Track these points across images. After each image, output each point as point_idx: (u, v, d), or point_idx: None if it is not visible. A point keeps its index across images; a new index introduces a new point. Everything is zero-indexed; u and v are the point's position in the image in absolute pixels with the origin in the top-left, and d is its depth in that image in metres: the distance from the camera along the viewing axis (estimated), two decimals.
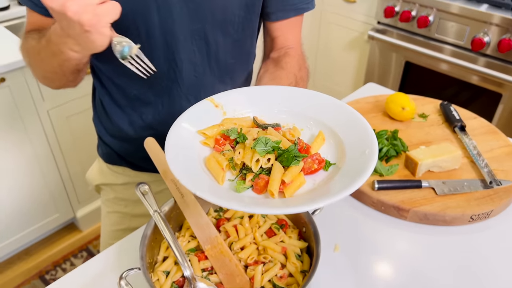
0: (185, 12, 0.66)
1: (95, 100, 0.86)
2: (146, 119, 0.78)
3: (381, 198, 0.82)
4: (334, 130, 0.57)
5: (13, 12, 1.73)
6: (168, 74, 0.72)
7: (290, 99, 0.61)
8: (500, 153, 0.93)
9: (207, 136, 0.57)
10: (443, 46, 1.89)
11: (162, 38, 0.68)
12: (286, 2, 0.74)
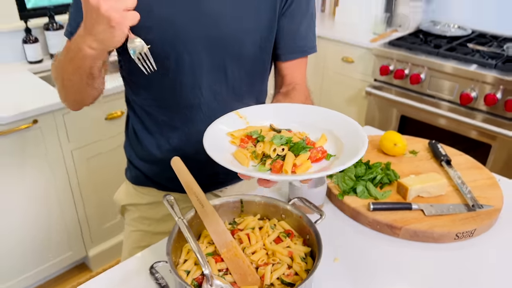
0: (209, 48, 0.81)
1: (128, 129, 0.99)
2: (172, 142, 0.91)
3: (376, 218, 0.93)
4: (334, 133, 0.71)
5: (46, 65, 1.94)
6: (193, 101, 0.86)
7: (299, 113, 0.76)
8: (483, 184, 1.05)
9: (234, 137, 0.70)
10: (435, 101, 2.06)
11: (189, 69, 0.83)
12: (294, 45, 0.90)
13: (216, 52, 0.82)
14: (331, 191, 1.02)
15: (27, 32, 1.87)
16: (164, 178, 0.94)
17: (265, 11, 0.84)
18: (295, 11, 0.87)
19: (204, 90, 0.85)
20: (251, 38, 0.84)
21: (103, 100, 1.71)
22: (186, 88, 0.85)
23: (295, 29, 0.89)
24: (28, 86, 1.71)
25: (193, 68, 0.82)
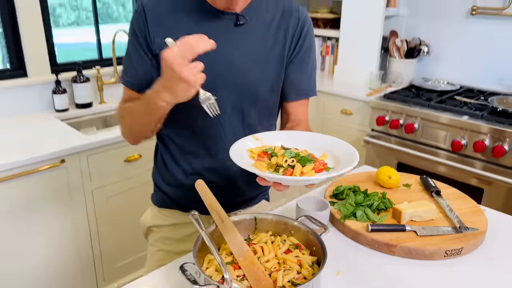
0: (232, 92, 0.99)
1: (156, 157, 1.14)
2: (195, 168, 1.06)
3: (374, 237, 1.05)
4: (333, 153, 0.86)
5: (71, 113, 2.13)
6: (215, 134, 1.02)
7: (304, 137, 0.93)
8: (469, 211, 1.17)
9: (253, 152, 0.85)
10: (429, 148, 2.21)
11: None
12: (298, 89, 1.07)
13: (237, 96, 1.00)
14: (334, 216, 1.14)
15: (57, 84, 2.08)
16: (187, 200, 1.07)
17: (275, 63, 1.03)
18: (299, 61, 1.05)
19: (225, 125, 1.01)
20: (264, 85, 1.02)
21: (123, 144, 1.87)
22: (210, 124, 1.01)
23: (299, 75, 1.07)
24: (56, 131, 1.88)
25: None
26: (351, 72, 2.80)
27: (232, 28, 0.97)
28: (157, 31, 0.93)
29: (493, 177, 1.99)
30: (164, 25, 0.94)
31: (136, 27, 0.96)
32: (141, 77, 0.97)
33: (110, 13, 2.36)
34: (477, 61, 2.55)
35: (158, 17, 0.94)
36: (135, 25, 0.96)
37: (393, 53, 2.69)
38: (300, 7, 1.06)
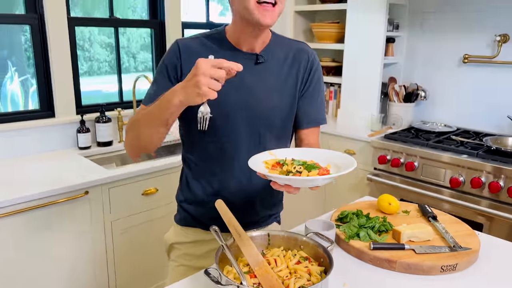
0: (250, 120, 1.14)
1: (181, 180, 1.28)
2: (214, 187, 1.19)
3: (376, 255, 1.15)
4: (337, 164, 1.02)
5: (93, 150, 2.29)
6: (233, 156, 1.16)
7: (312, 152, 1.08)
8: (464, 234, 1.28)
9: (268, 163, 0.99)
10: (428, 185, 2.33)
11: (233, 134, 1.14)
12: (310, 118, 1.24)
13: (255, 121, 1.16)
14: (339, 237, 1.25)
15: (81, 123, 2.25)
16: (208, 218, 1.19)
17: (289, 95, 1.20)
18: (310, 94, 1.23)
19: (243, 148, 1.15)
20: (279, 113, 1.18)
21: (140, 178, 2.01)
22: (229, 147, 1.16)
23: (310, 106, 1.24)
24: (80, 166, 2.03)
25: (236, 133, 1.14)
26: (354, 115, 2.97)
27: (253, 66, 1.14)
28: (188, 66, 1.10)
29: (491, 212, 2.09)
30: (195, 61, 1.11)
31: (169, 61, 1.12)
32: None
33: (121, 63, 2.58)
34: (471, 105, 2.72)
35: (190, 55, 1.11)
36: (168, 59, 1.12)
37: (392, 97, 2.87)
38: (310, 48, 1.24)
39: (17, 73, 2.35)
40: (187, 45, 1.12)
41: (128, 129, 1.15)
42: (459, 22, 2.71)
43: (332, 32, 3.12)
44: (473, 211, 2.16)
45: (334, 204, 2.82)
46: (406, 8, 2.93)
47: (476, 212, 2.15)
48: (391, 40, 2.91)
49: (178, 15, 2.65)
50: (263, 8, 1.03)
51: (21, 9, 2.16)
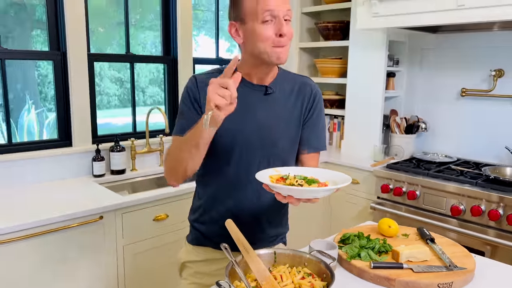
0: (260, 148, 1.25)
1: (194, 201, 1.38)
2: (226, 207, 1.28)
3: (376, 273, 1.22)
4: (335, 181, 1.11)
5: (107, 178, 2.39)
6: (245, 181, 1.26)
7: (314, 171, 1.17)
8: (460, 255, 1.35)
9: (272, 178, 1.09)
10: (429, 214, 2.40)
11: (246, 160, 1.24)
12: (311, 145, 1.34)
13: (264, 148, 1.27)
14: (341, 257, 1.32)
15: (97, 152, 2.37)
16: (218, 236, 1.27)
17: (294, 123, 1.32)
18: (312, 123, 1.34)
19: (253, 172, 1.25)
20: (285, 141, 1.30)
21: (152, 204, 2.10)
22: (241, 171, 1.26)
23: (312, 134, 1.35)
24: (95, 192, 2.13)
25: (248, 157, 1.25)
26: (357, 146, 3.08)
27: (262, 96, 1.27)
28: (205, 97, 1.22)
29: (492, 240, 2.14)
30: None
31: (190, 92, 1.25)
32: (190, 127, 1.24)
33: (130, 99, 2.73)
34: (471, 136, 2.82)
35: (206, 88, 1.23)
36: (189, 91, 1.25)
37: (394, 129, 2.98)
38: (313, 82, 1.37)
39: (34, 106, 2.51)
40: (202, 79, 1.25)
41: (166, 158, 1.27)
42: (457, 58, 2.85)
43: (335, 67, 3.27)
44: (474, 239, 2.21)
45: (339, 230, 2.87)
46: (406, 45, 3.08)
47: (477, 240, 2.21)
48: (392, 74, 3.05)
49: (190, 52, 2.82)
50: (280, 50, 1.16)
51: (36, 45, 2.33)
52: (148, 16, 2.79)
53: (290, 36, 1.17)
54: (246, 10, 1.16)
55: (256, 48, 1.17)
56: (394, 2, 2.45)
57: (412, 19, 2.40)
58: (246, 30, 1.18)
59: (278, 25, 1.14)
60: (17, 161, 2.18)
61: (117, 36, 2.67)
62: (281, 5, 1.13)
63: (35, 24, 2.35)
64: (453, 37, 2.85)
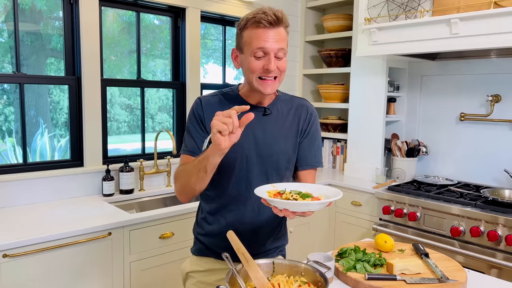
0: (259, 163, 1.33)
1: (198, 214, 1.45)
2: (228, 220, 1.36)
3: (371, 284, 1.28)
4: (326, 195, 1.19)
5: (116, 197, 2.48)
6: (245, 194, 1.34)
7: (306, 186, 1.25)
8: (452, 269, 1.40)
9: (270, 193, 1.17)
10: (430, 235, 2.44)
11: (245, 174, 1.33)
12: (307, 161, 1.42)
13: (263, 165, 1.36)
14: (338, 270, 1.38)
15: (107, 172, 2.47)
16: (220, 247, 1.34)
17: (291, 142, 1.41)
18: (308, 141, 1.43)
19: (253, 186, 1.34)
20: (283, 157, 1.38)
21: (157, 222, 2.18)
22: (241, 188, 1.35)
23: (308, 152, 1.43)
24: (105, 210, 2.22)
25: (249, 174, 1.34)
26: (359, 169, 3.15)
27: (261, 117, 1.36)
28: (210, 118, 1.32)
29: (491, 260, 2.17)
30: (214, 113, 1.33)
31: (195, 113, 1.35)
32: (198, 146, 1.33)
33: (140, 125, 2.86)
34: (471, 159, 2.88)
35: (210, 109, 1.34)
36: (195, 111, 1.36)
37: (396, 152, 3.05)
38: (309, 103, 1.46)
39: (46, 130, 2.62)
40: (207, 100, 1.35)
41: (176, 179, 1.36)
42: (455, 84, 2.95)
43: (337, 93, 3.39)
44: (474, 259, 2.24)
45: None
46: (406, 71, 3.19)
47: (477, 260, 2.23)
48: (393, 99, 3.15)
49: (198, 78, 2.96)
50: (265, 82, 1.27)
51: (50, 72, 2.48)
52: (158, 45, 2.94)
53: (281, 70, 1.29)
54: (244, 42, 1.29)
55: (247, 76, 1.31)
56: (392, 31, 2.58)
57: (409, 47, 2.51)
58: (242, 59, 1.32)
59: (267, 61, 1.26)
60: (32, 179, 2.28)
61: (128, 64, 2.81)
62: (273, 44, 1.25)
63: (49, 52, 2.50)
64: (452, 64, 2.95)
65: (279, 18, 1.25)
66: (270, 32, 1.24)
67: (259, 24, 1.24)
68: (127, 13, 2.72)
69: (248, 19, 1.27)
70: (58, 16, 2.44)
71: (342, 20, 3.37)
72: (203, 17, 2.99)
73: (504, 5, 2.15)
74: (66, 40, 2.43)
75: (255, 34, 1.25)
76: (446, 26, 2.33)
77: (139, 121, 2.84)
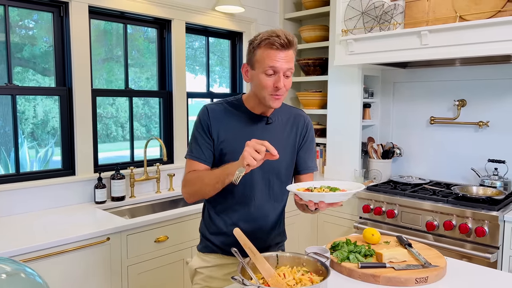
0: (262, 169, 1.46)
1: (204, 214, 1.56)
2: (233, 220, 1.47)
3: (363, 271, 1.43)
4: (349, 188, 1.37)
5: (108, 204, 2.54)
6: (249, 197, 1.46)
7: (329, 182, 1.44)
8: (433, 256, 1.57)
9: (298, 189, 1.32)
10: (407, 230, 2.63)
11: (250, 181, 1.45)
12: (306, 166, 1.58)
13: (265, 171, 1.48)
14: (333, 261, 1.52)
15: (98, 180, 2.53)
16: (227, 244, 1.45)
17: (290, 149, 1.55)
18: (306, 148, 1.58)
19: (257, 190, 1.46)
20: (283, 163, 1.52)
21: (153, 227, 2.26)
22: (246, 191, 1.48)
23: (306, 157, 1.59)
24: (100, 217, 2.28)
25: (252, 179, 1.46)
26: (338, 171, 3.32)
27: (264, 125, 1.50)
28: (216, 125, 1.44)
29: (464, 251, 2.38)
30: (221, 123, 1.45)
31: (202, 121, 1.47)
32: (204, 153, 1.45)
33: (109, 133, 2.90)
34: (441, 159, 3.11)
35: (216, 117, 1.46)
36: (201, 119, 1.47)
37: (372, 155, 3.25)
38: (305, 113, 1.62)
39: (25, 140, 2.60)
40: (214, 109, 1.47)
41: (186, 184, 1.47)
42: (425, 90, 3.18)
43: (316, 99, 3.56)
44: (449, 251, 2.44)
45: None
46: (379, 79, 3.41)
47: (452, 252, 2.43)
48: (368, 105, 3.35)
49: (184, 87, 3.06)
50: (276, 99, 1.42)
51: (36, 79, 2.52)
52: (131, 54, 3.02)
53: (287, 88, 1.43)
54: (256, 60, 1.41)
55: (258, 91, 1.43)
56: (367, 42, 2.77)
57: (384, 56, 2.71)
58: (253, 75, 1.44)
59: (277, 79, 1.39)
60: (25, 189, 2.32)
61: (103, 73, 2.83)
62: (284, 64, 1.38)
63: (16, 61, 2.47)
64: (421, 71, 3.19)
65: (290, 42, 1.38)
66: (281, 53, 1.37)
67: (272, 45, 1.36)
68: (101, 22, 2.76)
69: (262, 39, 1.38)
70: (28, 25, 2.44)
71: (318, 31, 3.56)
72: (188, 28, 3.10)
73: (468, 19, 2.37)
74: (57, 51, 2.49)
75: (267, 54, 1.37)
76: (417, 38, 2.54)
77: (109, 130, 2.88)
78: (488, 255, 2.30)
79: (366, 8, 2.76)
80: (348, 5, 2.85)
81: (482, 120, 2.90)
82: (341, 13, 2.91)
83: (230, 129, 1.38)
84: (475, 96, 2.95)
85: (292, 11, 3.80)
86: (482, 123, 2.89)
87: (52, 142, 2.60)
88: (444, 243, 2.47)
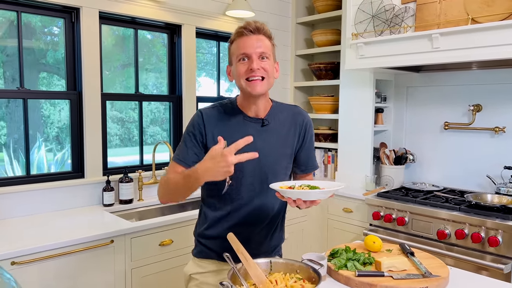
0: (259, 172, 1.45)
1: (199, 219, 1.55)
2: (230, 225, 1.46)
3: (361, 280, 1.39)
4: (330, 187, 1.34)
5: (116, 207, 2.57)
6: (246, 199, 1.45)
7: (311, 182, 1.41)
8: (436, 266, 1.51)
9: (281, 187, 1.31)
10: (418, 238, 2.55)
11: (246, 183, 1.44)
12: (305, 165, 1.56)
13: (262, 172, 1.47)
14: (330, 268, 1.49)
15: (107, 183, 2.56)
16: (221, 248, 1.44)
17: (288, 149, 1.53)
18: (306, 147, 1.57)
19: (254, 194, 1.45)
20: (281, 164, 1.51)
21: (157, 230, 2.26)
22: (241, 196, 1.46)
23: (306, 157, 1.58)
24: (106, 219, 2.30)
25: (248, 181, 1.45)
26: (350, 177, 3.27)
27: (259, 128, 1.48)
28: (210, 129, 1.43)
29: (477, 262, 2.29)
30: (216, 126, 1.44)
31: (195, 124, 1.46)
32: (190, 157, 1.43)
33: (131, 137, 2.95)
34: (455, 166, 3.02)
35: (211, 120, 1.45)
36: (195, 123, 1.46)
37: (384, 161, 3.18)
38: (303, 111, 1.60)
39: (43, 144, 2.68)
40: (208, 113, 1.47)
41: (161, 185, 1.47)
42: (439, 95, 3.10)
43: (328, 104, 3.52)
44: (460, 261, 2.36)
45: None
46: (392, 83, 3.34)
47: (463, 262, 2.35)
48: (380, 110, 3.29)
49: (194, 91, 3.07)
50: (252, 83, 1.39)
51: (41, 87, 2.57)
52: (151, 59, 3.05)
53: (266, 70, 1.41)
54: (232, 54, 1.44)
55: (238, 83, 1.43)
56: (378, 45, 2.72)
57: (394, 60, 2.66)
58: (232, 70, 1.46)
59: (250, 61, 1.39)
60: (34, 191, 2.37)
61: (121, 78, 2.90)
62: (256, 47, 1.39)
63: (41, 67, 2.56)
64: (435, 75, 3.11)
65: (259, 27, 1.40)
66: (252, 38, 1.39)
67: (242, 34, 1.40)
68: (120, 28, 2.82)
69: (234, 34, 1.43)
70: (53, 32, 2.52)
71: (330, 35, 3.53)
72: (198, 33, 3.12)
73: (480, 21, 2.30)
74: (68, 56, 2.54)
75: (238, 44, 1.40)
76: (428, 41, 2.48)
77: (131, 134, 2.93)
78: (501, 265, 2.21)
79: (377, 11, 2.72)
80: (359, 9, 2.82)
81: (498, 126, 2.81)
82: (352, 16, 2.87)
83: (224, 133, 1.37)
84: (491, 101, 2.85)
85: (305, 15, 3.78)
86: (498, 129, 2.80)
87: (68, 145, 2.65)
88: (456, 252, 2.39)
